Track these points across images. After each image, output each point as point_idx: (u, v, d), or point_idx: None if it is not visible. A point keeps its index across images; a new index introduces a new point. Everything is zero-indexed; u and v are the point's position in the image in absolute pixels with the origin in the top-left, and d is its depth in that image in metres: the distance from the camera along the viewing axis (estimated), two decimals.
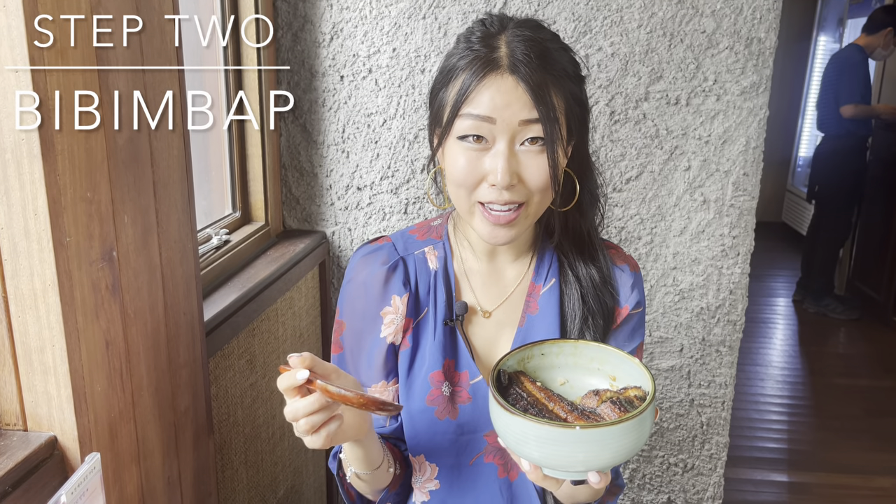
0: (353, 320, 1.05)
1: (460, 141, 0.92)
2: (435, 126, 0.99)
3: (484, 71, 0.89)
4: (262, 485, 1.61)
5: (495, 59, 0.90)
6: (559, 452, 0.74)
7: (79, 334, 0.85)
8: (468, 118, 0.90)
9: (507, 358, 0.89)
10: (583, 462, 0.75)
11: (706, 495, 2.01)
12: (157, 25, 1.00)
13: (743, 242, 1.83)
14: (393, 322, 1.04)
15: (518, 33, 0.93)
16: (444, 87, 0.95)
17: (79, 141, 0.83)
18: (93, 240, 0.87)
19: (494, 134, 0.90)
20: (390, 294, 1.03)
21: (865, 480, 2.72)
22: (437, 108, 0.97)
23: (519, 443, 0.77)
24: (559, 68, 0.93)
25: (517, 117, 0.90)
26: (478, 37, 0.94)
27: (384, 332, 1.04)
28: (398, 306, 1.03)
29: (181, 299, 1.11)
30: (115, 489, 0.94)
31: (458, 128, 0.91)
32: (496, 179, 0.90)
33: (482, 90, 0.89)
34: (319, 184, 1.89)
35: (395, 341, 1.04)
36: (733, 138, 1.77)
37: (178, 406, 1.11)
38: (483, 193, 0.93)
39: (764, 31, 1.71)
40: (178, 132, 1.07)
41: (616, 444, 0.74)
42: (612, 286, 1.05)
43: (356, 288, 1.05)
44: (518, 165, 0.91)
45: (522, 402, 0.84)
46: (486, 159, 0.91)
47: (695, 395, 1.95)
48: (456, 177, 0.93)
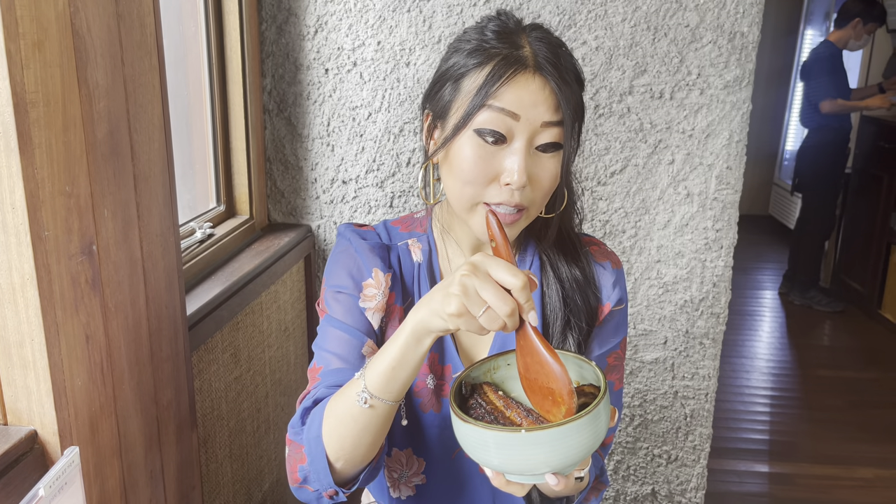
0: (336, 279, 1.02)
1: (476, 136, 0.89)
2: (437, 119, 0.96)
3: (513, 67, 0.87)
4: (247, 478, 1.61)
5: (522, 58, 0.88)
6: (513, 456, 0.73)
7: (58, 328, 0.84)
8: (493, 111, 0.87)
9: (471, 369, 0.87)
10: (542, 464, 0.73)
11: (690, 486, 2.03)
12: (137, 17, 0.99)
13: (726, 236, 1.85)
14: (374, 297, 1.01)
15: (537, 35, 0.91)
16: (456, 80, 0.92)
17: (57, 134, 0.83)
18: (72, 234, 0.86)
19: (514, 132, 0.88)
20: (371, 266, 1.01)
21: (848, 471, 2.75)
22: (444, 102, 0.94)
23: (476, 450, 0.76)
24: (573, 74, 0.92)
25: (541, 118, 0.88)
26: (494, 31, 0.92)
27: (363, 301, 1.01)
28: (380, 282, 1.01)
29: (163, 293, 1.11)
30: (97, 483, 0.94)
31: (479, 120, 0.88)
32: (512, 179, 0.88)
33: (510, 88, 0.87)
34: (304, 177, 1.89)
35: (372, 319, 1.01)
36: (717, 132, 1.78)
37: (161, 400, 1.11)
38: (492, 194, 0.91)
39: (747, 25, 1.72)
40: (159, 125, 1.07)
41: (566, 443, 0.72)
42: (595, 286, 1.05)
43: (342, 253, 1.04)
44: (532, 168, 0.90)
45: (480, 411, 0.83)
46: (501, 158, 0.89)
47: (678, 388, 1.96)
48: (466, 173, 0.90)
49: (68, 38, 0.84)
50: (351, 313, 1.01)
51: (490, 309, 0.74)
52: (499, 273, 0.74)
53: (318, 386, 0.98)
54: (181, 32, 1.57)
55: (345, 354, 0.98)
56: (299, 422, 0.94)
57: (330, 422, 0.88)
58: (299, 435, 0.93)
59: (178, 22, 1.56)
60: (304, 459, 0.92)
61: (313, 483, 0.92)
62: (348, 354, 0.98)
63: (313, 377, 1.00)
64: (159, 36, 1.06)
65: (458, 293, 0.74)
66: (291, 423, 0.95)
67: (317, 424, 0.90)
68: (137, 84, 1.00)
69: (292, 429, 0.95)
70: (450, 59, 0.95)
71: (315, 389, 0.98)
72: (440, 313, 0.76)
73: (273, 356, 1.74)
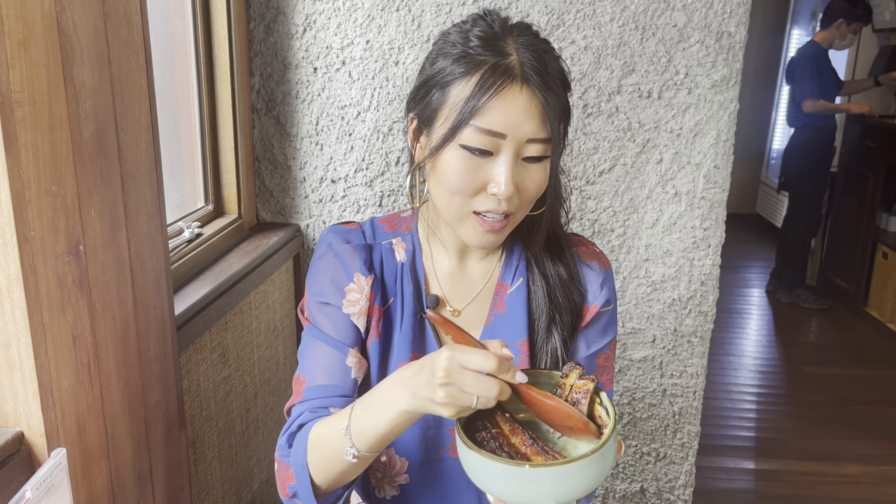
0: (318, 287, 1.03)
1: (462, 149, 0.89)
2: (423, 126, 0.96)
3: (500, 81, 0.87)
4: (236, 478, 1.61)
5: (509, 69, 0.88)
6: (516, 488, 0.74)
7: (45, 329, 0.84)
8: (479, 131, 0.87)
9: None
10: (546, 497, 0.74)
11: (678, 483, 2.04)
12: (124, 16, 0.98)
13: (714, 234, 1.86)
14: (357, 302, 1.02)
15: (523, 41, 0.91)
16: (442, 87, 0.91)
17: (43, 134, 0.82)
18: (58, 234, 0.86)
19: (500, 147, 0.89)
20: (353, 271, 1.02)
21: (835, 467, 2.78)
22: (430, 110, 0.93)
23: (481, 478, 0.77)
24: (559, 80, 0.92)
25: (528, 135, 0.88)
26: (479, 35, 0.91)
27: (346, 307, 1.02)
28: (362, 286, 1.02)
29: (151, 293, 1.10)
30: (84, 484, 0.93)
31: (465, 137, 0.88)
32: (499, 190, 0.89)
33: (497, 103, 0.87)
34: (293, 176, 1.89)
35: (357, 323, 1.02)
36: (704, 131, 1.79)
37: (149, 400, 1.11)
38: (480, 203, 0.91)
39: (734, 25, 1.73)
40: (147, 125, 1.06)
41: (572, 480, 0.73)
42: (580, 283, 1.05)
43: (322, 259, 1.04)
44: (518, 177, 0.91)
45: (486, 434, 0.83)
46: (488, 168, 0.90)
47: (667, 385, 1.97)
48: (454, 184, 0.91)
49: (54, 36, 0.84)
50: (334, 324, 1.02)
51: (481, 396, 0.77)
52: (473, 365, 0.76)
53: (303, 402, 0.99)
54: (168, 31, 1.56)
55: (329, 369, 1.00)
56: (286, 445, 0.96)
57: (315, 457, 0.90)
58: (287, 458, 0.95)
59: (166, 20, 1.55)
60: (292, 479, 0.93)
61: (302, 499, 0.94)
62: (333, 369, 1.00)
63: (298, 390, 1.01)
64: (146, 34, 1.06)
65: (447, 402, 0.77)
66: (279, 445, 0.97)
67: (301, 453, 0.91)
68: (124, 83, 1.00)
69: (280, 450, 0.97)
70: (435, 62, 0.94)
71: (299, 407, 0.99)
72: (437, 410, 0.79)
73: (262, 356, 1.73)
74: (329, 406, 0.98)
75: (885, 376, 3.58)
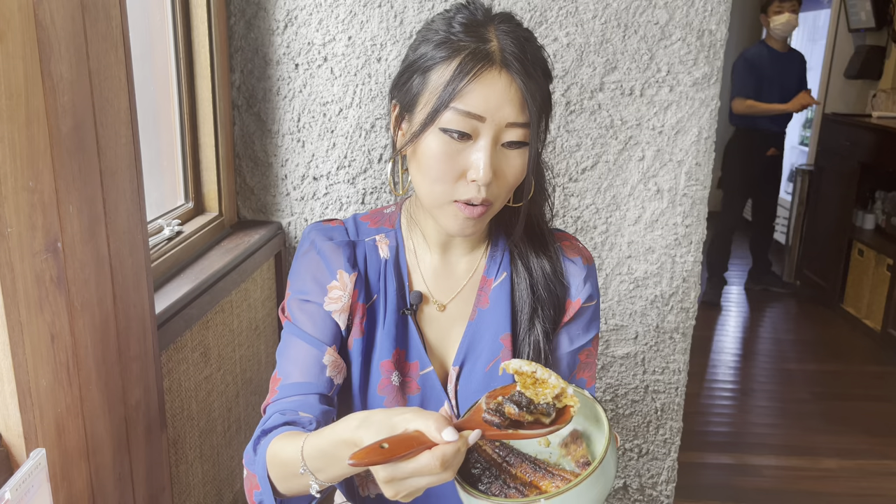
0: (300, 284, 1.02)
1: (442, 133, 0.89)
2: (405, 112, 0.96)
3: (479, 65, 0.87)
4: (218, 479, 1.59)
5: (489, 54, 0.88)
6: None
7: (22, 328, 0.82)
8: (458, 113, 0.87)
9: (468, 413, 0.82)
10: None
11: (661, 479, 2.05)
12: (103, 9, 0.97)
13: (695, 231, 1.87)
14: (339, 299, 1.01)
15: (505, 28, 0.91)
16: (423, 72, 0.92)
17: (20, 128, 0.80)
18: (36, 230, 0.84)
19: (480, 131, 0.89)
20: (336, 269, 1.01)
21: (813, 462, 2.81)
22: (411, 95, 0.93)
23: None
24: (539, 68, 0.92)
25: (507, 119, 0.89)
26: (462, 22, 0.91)
27: (328, 305, 1.01)
28: (346, 283, 1.01)
29: (131, 291, 1.09)
30: (64, 485, 0.91)
31: (444, 120, 0.88)
32: (478, 175, 0.89)
33: (476, 86, 0.87)
34: (274, 174, 1.87)
35: (339, 321, 1.01)
36: (686, 129, 1.80)
37: (129, 400, 1.09)
38: (461, 191, 0.91)
39: (715, 23, 1.74)
40: (126, 120, 1.05)
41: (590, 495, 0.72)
42: (563, 277, 1.06)
43: (305, 257, 1.03)
44: (497, 163, 0.91)
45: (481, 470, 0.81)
46: (468, 154, 0.90)
47: (649, 382, 1.98)
48: (434, 170, 0.91)
49: (31, 29, 0.82)
50: (313, 322, 1.01)
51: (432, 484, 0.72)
52: (421, 484, 0.71)
53: (277, 401, 0.98)
54: (147, 25, 1.54)
55: (305, 366, 0.99)
56: (252, 451, 0.93)
57: (276, 474, 0.87)
58: (252, 465, 0.92)
59: (145, 14, 1.52)
60: (258, 487, 0.91)
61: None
62: (309, 367, 0.99)
63: (273, 388, 1.00)
64: (125, 28, 1.04)
65: (397, 497, 0.72)
66: (246, 451, 0.94)
67: (262, 465, 0.89)
68: (103, 77, 0.98)
69: (247, 455, 0.94)
70: (418, 48, 0.94)
71: (272, 406, 0.97)
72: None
73: (244, 355, 1.72)
74: (300, 409, 0.95)
75: (862, 371, 3.63)
